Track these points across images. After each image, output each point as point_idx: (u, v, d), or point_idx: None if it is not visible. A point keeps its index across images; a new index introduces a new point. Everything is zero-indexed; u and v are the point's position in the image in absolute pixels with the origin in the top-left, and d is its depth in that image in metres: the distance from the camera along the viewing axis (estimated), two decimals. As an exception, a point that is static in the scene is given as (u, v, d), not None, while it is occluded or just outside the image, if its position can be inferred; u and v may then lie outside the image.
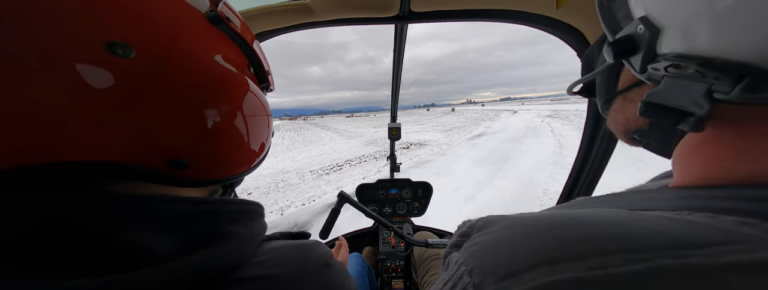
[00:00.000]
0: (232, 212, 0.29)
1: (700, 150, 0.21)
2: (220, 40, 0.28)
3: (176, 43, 0.23)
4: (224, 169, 0.30)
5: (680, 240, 0.15)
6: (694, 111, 0.19)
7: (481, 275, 0.18)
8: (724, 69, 0.16)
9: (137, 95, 0.21)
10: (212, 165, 0.28)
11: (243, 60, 0.32)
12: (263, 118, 0.34)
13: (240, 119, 0.29)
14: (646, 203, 0.23)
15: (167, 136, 0.24)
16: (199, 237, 0.25)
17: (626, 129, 0.28)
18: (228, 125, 0.28)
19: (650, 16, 0.20)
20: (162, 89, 0.22)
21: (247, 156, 0.32)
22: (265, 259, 0.29)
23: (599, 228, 0.18)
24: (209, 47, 0.27)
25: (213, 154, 0.28)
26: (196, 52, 0.25)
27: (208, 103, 0.26)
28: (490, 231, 0.22)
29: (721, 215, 0.17)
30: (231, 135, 0.29)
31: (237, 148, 0.30)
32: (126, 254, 0.20)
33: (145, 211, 0.22)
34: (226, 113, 0.27)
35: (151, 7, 0.22)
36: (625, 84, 0.27)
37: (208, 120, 0.26)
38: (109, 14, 0.20)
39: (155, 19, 0.22)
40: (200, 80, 0.25)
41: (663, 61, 0.20)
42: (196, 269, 0.23)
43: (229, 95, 0.28)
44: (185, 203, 0.25)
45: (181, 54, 0.24)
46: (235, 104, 0.28)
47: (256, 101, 0.32)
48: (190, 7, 0.26)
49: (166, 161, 0.24)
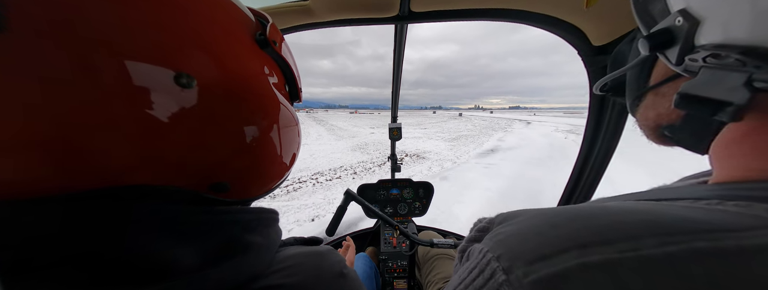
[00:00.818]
0: (251, 222, 0.29)
1: (742, 141, 0.21)
2: (266, 63, 0.29)
3: (231, 73, 0.24)
4: (260, 187, 0.31)
5: (713, 225, 0.15)
6: (733, 100, 0.19)
7: (510, 259, 0.18)
8: (765, 57, 0.17)
9: (194, 124, 0.22)
10: (251, 185, 0.29)
11: (281, 79, 0.32)
12: (295, 133, 0.35)
13: (277, 139, 0.30)
14: (675, 194, 0.23)
15: (216, 161, 0.25)
16: (220, 248, 0.25)
17: (657, 125, 0.28)
18: (267, 147, 0.29)
19: (690, 9, 0.20)
20: (215, 117, 0.23)
21: (279, 170, 0.33)
22: (282, 267, 0.29)
23: (628, 216, 0.18)
24: (258, 73, 0.27)
25: (252, 175, 0.29)
26: (247, 79, 0.26)
27: (253, 128, 0.26)
28: (514, 222, 0.22)
29: (754, 203, 0.17)
30: (269, 156, 0.29)
31: (272, 166, 0.31)
32: (153, 266, 0.20)
33: (169, 221, 0.22)
34: (267, 135, 0.28)
35: (212, 38, 0.23)
36: (657, 79, 0.27)
37: (252, 144, 0.26)
38: (179, 46, 0.21)
39: (215, 50, 0.23)
40: (249, 107, 0.26)
41: (702, 52, 0.20)
42: (219, 282, 0.23)
43: (271, 119, 0.29)
44: (207, 214, 0.25)
45: (235, 82, 0.24)
46: (275, 125, 0.29)
47: (290, 118, 0.32)
48: (243, 34, 0.27)
49: (209, 184, 0.25)
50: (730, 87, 0.19)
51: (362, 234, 1.66)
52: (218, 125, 0.24)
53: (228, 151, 0.25)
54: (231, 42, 0.25)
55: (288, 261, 0.30)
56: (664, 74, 0.26)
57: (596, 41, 0.73)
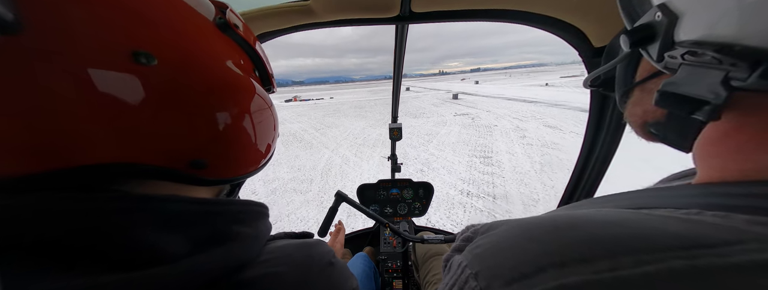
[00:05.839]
0: (239, 213, 0.29)
1: (723, 140, 0.21)
2: (228, 46, 0.30)
3: (191, 51, 0.25)
4: (237, 168, 0.31)
5: (689, 240, 0.15)
6: (710, 99, 0.19)
7: (488, 278, 0.18)
8: (740, 55, 0.16)
9: (160, 101, 0.23)
10: (227, 164, 0.30)
11: (249, 64, 0.33)
12: (269, 119, 0.35)
13: (249, 121, 0.31)
14: (654, 201, 0.23)
15: (188, 138, 0.25)
16: (208, 238, 0.25)
17: (643, 122, 0.28)
18: (240, 127, 0.29)
19: (669, 3, 0.20)
20: (181, 93, 0.24)
21: (255, 156, 0.34)
22: (271, 258, 0.29)
23: (606, 228, 0.17)
24: (220, 53, 0.28)
25: (228, 154, 0.29)
26: (208, 58, 0.27)
27: (222, 106, 0.27)
28: (493, 234, 0.22)
29: (732, 213, 0.17)
30: (243, 136, 0.30)
31: (248, 148, 0.32)
32: (140, 253, 0.21)
33: (158, 211, 0.23)
34: (238, 115, 0.29)
35: (168, 17, 0.24)
36: (642, 75, 0.27)
37: (224, 122, 0.27)
38: (135, 26, 0.22)
39: (172, 29, 0.24)
40: (214, 85, 0.26)
41: (680, 49, 0.20)
42: (205, 268, 0.24)
43: (239, 99, 0.29)
44: (195, 204, 0.25)
45: (196, 61, 0.25)
46: (245, 106, 0.30)
47: (263, 103, 0.33)
48: (200, 16, 0.27)
49: (188, 161, 0.26)
50: (708, 85, 0.19)
51: (361, 233, 1.67)
52: (187, 102, 0.24)
53: (200, 126, 0.26)
54: (189, 23, 0.26)
55: (277, 252, 0.30)
56: (649, 69, 0.26)
57: (597, 42, 0.72)
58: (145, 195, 0.23)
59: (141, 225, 0.22)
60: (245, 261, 0.27)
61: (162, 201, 0.23)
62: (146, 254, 0.21)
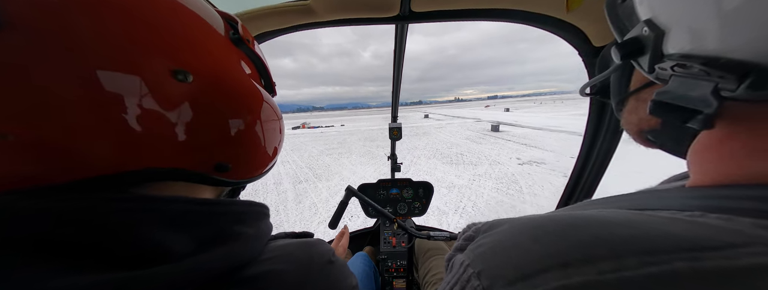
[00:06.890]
0: (242, 214, 0.30)
1: (717, 147, 0.21)
2: (242, 58, 0.33)
3: (218, 67, 0.28)
4: (254, 169, 0.34)
5: (694, 242, 0.15)
6: (702, 109, 0.19)
7: (490, 278, 0.18)
8: (727, 67, 0.17)
9: (194, 113, 0.25)
10: (247, 167, 0.33)
11: (256, 73, 0.36)
12: (277, 123, 0.38)
13: (261, 126, 0.33)
14: (656, 203, 0.23)
15: (215, 144, 0.28)
16: (211, 237, 0.26)
17: (640, 129, 0.28)
18: (258, 131, 0.32)
19: (655, 19, 0.20)
20: (210, 105, 0.27)
21: (268, 158, 0.36)
22: (273, 256, 0.30)
23: (609, 229, 0.17)
24: (238, 66, 0.31)
25: (247, 157, 0.32)
26: (231, 71, 0.30)
27: (242, 114, 0.30)
28: (496, 233, 0.22)
29: (736, 216, 0.17)
30: (259, 140, 0.33)
31: (262, 151, 0.35)
32: (146, 251, 0.22)
33: (163, 211, 0.23)
34: (254, 122, 0.32)
35: (198, 38, 0.27)
36: (636, 84, 0.27)
37: (244, 128, 0.30)
38: (174, 47, 0.24)
39: (203, 48, 0.27)
40: (237, 95, 0.30)
41: (669, 61, 0.20)
42: (209, 266, 0.24)
43: (256, 106, 0.32)
44: (200, 205, 0.26)
45: (222, 75, 0.28)
46: (259, 113, 0.33)
47: (271, 109, 0.35)
48: (217, 33, 0.30)
49: (214, 165, 0.28)
50: (699, 95, 0.19)
51: (362, 233, 1.66)
52: (215, 112, 0.27)
53: (225, 132, 0.28)
54: (211, 40, 0.29)
55: (278, 251, 0.31)
56: (642, 79, 0.26)
57: (597, 42, 0.72)
58: (151, 196, 0.24)
59: (147, 223, 0.22)
60: (247, 260, 0.28)
61: (167, 202, 0.24)
62: (151, 252, 0.22)
